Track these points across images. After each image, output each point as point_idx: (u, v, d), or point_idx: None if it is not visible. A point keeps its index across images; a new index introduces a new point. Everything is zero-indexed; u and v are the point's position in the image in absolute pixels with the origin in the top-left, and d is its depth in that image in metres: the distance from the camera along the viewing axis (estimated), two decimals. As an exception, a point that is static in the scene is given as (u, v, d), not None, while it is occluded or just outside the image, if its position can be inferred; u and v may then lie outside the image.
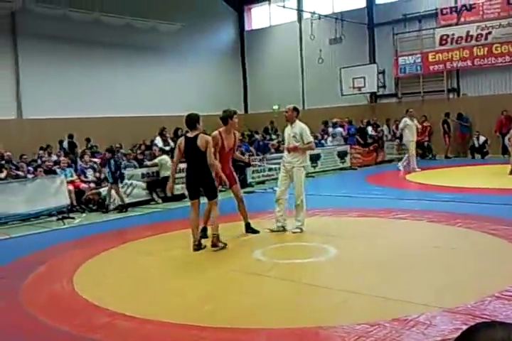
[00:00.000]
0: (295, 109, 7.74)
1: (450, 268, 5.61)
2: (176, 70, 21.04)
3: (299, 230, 7.66)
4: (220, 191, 13.01)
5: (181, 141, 7.00)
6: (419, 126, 15.87)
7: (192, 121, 6.92)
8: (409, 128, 14.95)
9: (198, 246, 6.84)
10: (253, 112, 24.08)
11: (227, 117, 7.69)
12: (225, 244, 6.90)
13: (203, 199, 7.20)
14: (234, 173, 7.99)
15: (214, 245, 6.81)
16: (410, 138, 15.01)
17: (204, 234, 7.44)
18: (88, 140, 16.20)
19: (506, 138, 13.64)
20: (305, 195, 7.79)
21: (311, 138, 7.86)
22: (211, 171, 6.85)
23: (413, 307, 4.38)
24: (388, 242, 6.91)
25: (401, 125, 15.35)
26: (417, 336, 3.82)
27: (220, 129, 7.71)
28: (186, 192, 12.11)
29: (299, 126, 7.69)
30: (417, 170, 14.91)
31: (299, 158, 7.72)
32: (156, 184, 12.09)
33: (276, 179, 14.41)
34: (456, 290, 4.85)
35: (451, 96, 19.31)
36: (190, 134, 6.88)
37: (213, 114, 20.99)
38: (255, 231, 7.80)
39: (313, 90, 22.29)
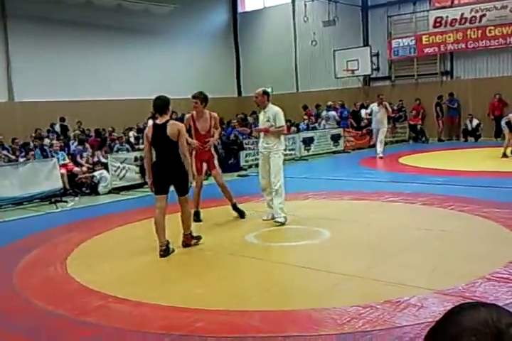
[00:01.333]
0: (265, 93, 7.32)
1: (442, 250, 5.65)
2: (168, 53, 20.84)
3: (282, 220, 7.16)
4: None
5: (149, 128, 6.16)
6: (390, 112, 15.13)
7: (164, 104, 6.03)
8: (374, 115, 14.43)
9: (166, 252, 5.93)
10: (247, 95, 23.95)
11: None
12: (199, 237, 6.43)
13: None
14: (214, 159, 7.59)
15: (186, 245, 6.24)
16: (374, 125, 14.62)
17: (197, 218, 7.42)
18: (79, 123, 16.09)
19: (503, 121, 13.58)
20: (283, 182, 7.31)
21: (283, 122, 7.34)
22: (184, 163, 6.07)
23: (405, 290, 4.43)
24: (381, 225, 6.95)
25: (368, 111, 15.02)
26: (408, 318, 3.87)
27: (193, 111, 7.46)
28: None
29: (272, 109, 7.30)
30: (379, 156, 14.26)
31: (274, 142, 7.26)
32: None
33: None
34: (448, 273, 4.90)
35: (444, 79, 19.26)
36: (159, 121, 6.07)
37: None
38: (241, 212, 7.71)
39: (306, 73, 22.18)
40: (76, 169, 11.37)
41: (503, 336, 0.83)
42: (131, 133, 15.14)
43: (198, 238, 6.43)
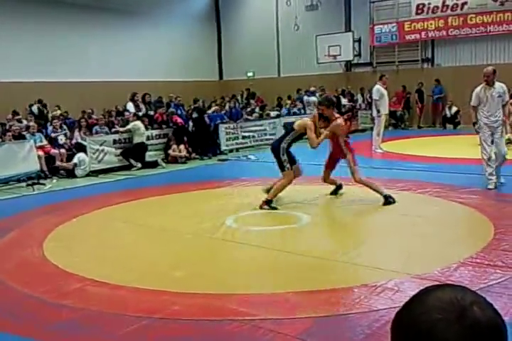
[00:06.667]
0: (494, 72, 8.02)
1: (418, 235, 5.72)
2: (149, 35, 20.53)
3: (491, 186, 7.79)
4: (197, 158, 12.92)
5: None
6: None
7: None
8: (385, 99, 12.51)
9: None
10: (228, 78, 23.82)
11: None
12: (274, 208, 7.13)
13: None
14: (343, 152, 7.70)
15: (261, 207, 7.14)
16: (383, 110, 12.55)
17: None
18: (58, 107, 15.80)
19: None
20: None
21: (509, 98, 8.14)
22: (285, 147, 7.46)
23: (382, 274, 4.48)
24: (359, 210, 7.01)
25: (376, 95, 12.48)
26: (384, 301, 3.92)
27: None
28: (159, 159, 12.18)
29: (499, 85, 7.96)
30: (378, 151, 12.50)
31: (501, 116, 7.99)
32: (130, 151, 11.91)
33: (251, 147, 14.49)
34: (424, 257, 4.96)
35: (425, 66, 19.34)
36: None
37: (186, 80, 20.81)
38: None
39: (288, 57, 22.08)
40: (54, 151, 11.21)
41: (466, 312, 0.87)
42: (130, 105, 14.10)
43: (273, 207, 7.13)
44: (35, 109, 15.68)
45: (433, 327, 0.87)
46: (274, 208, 7.15)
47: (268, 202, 7.17)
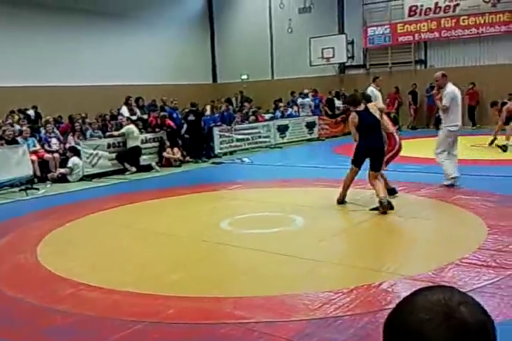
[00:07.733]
0: (444, 75, 8.14)
1: (412, 236, 5.74)
2: (142, 38, 20.51)
3: (447, 182, 7.96)
4: (191, 161, 12.90)
5: (355, 116, 7.04)
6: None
7: (357, 98, 7.43)
8: (378, 101, 11.55)
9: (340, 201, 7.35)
10: (222, 82, 23.83)
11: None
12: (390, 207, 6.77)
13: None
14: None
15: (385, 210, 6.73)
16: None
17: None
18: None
19: (504, 108, 13.31)
20: (441, 153, 8.38)
21: (444, 102, 8.05)
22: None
23: (376, 275, 4.49)
24: (354, 212, 7.01)
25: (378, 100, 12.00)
26: (379, 303, 3.92)
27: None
28: (153, 163, 12.16)
29: (446, 89, 8.01)
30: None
31: (444, 119, 8.46)
32: (125, 155, 11.87)
33: (245, 150, 14.51)
34: (418, 258, 4.98)
35: (418, 67, 19.42)
36: (358, 108, 7.05)
37: (180, 83, 20.81)
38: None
39: (282, 60, 22.11)
40: (47, 156, 11.18)
41: (453, 313, 0.87)
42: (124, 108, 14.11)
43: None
44: (32, 112, 15.65)
45: (421, 328, 0.87)
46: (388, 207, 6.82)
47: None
